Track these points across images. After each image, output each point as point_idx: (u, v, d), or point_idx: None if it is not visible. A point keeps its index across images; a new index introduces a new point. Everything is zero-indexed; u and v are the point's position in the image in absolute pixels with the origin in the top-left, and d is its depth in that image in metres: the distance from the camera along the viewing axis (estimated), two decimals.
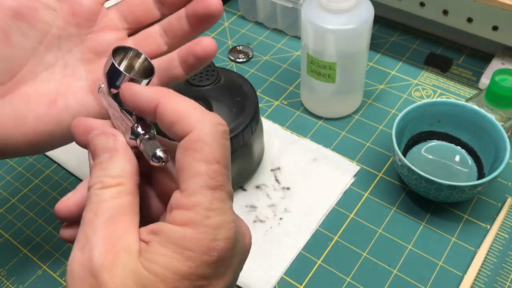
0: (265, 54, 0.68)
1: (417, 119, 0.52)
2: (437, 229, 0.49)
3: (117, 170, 0.27)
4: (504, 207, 0.50)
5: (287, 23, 0.70)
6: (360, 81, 0.57)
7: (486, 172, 0.49)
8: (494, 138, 0.49)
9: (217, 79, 0.50)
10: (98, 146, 0.28)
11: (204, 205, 0.25)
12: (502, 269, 0.46)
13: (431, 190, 0.46)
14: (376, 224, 0.50)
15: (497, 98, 0.50)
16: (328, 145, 0.57)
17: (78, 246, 0.25)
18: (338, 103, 0.58)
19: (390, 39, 0.69)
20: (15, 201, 0.55)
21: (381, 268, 0.47)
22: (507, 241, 0.48)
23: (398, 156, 0.47)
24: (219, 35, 0.72)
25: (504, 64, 0.61)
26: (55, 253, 0.50)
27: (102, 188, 0.26)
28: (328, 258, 0.48)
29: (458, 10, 0.60)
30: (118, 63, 0.30)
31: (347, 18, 0.50)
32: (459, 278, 0.45)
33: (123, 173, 0.27)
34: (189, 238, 0.24)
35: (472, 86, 0.62)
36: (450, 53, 0.66)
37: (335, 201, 0.51)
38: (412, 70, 0.65)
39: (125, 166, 0.27)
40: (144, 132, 0.28)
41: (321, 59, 0.53)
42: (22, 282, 0.48)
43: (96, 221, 0.25)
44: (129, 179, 0.27)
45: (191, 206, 0.25)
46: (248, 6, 0.72)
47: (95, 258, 0.24)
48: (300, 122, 0.60)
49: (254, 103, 0.49)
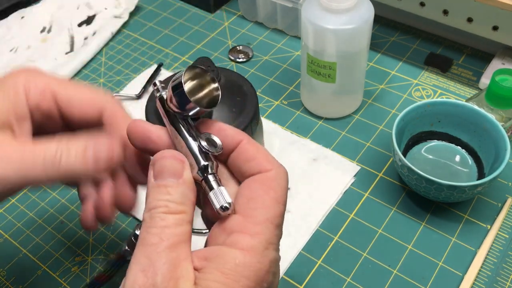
0: (265, 54, 0.68)
1: (417, 119, 0.52)
2: (437, 229, 0.49)
3: (182, 197, 0.28)
4: (504, 207, 0.50)
5: (287, 23, 0.70)
6: (360, 81, 0.57)
7: (486, 172, 0.49)
8: (494, 138, 0.49)
9: (217, 79, 0.50)
10: (165, 168, 0.29)
11: (267, 236, 0.27)
12: (502, 269, 0.46)
13: (431, 190, 0.46)
14: (376, 224, 0.50)
15: (497, 98, 0.50)
16: (328, 145, 0.57)
17: (138, 268, 0.26)
18: (338, 103, 0.58)
19: (390, 39, 0.69)
20: (15, 201, 0.54)
21: (381, 268, 0.47)
22: (507, 241, 0.48)
23: (398, 156, 0.47)
24: (219, 35, 0.72)
25: (504, 64, 0.61)
26: (55, 253, 0.50)
27: (167, 213, 0.27)
28: (328, 258, 0.48)
29: (458, 10, 0.60)
30: (188, 80, 0.30)
31: (347, 18, 0.50)
32: (459, 278, 0.45)
33: (187, 201, 0.28)
34: (248, 266, 0.26)
35: (472, 86, 0.62)
36: (450, 53, 0.66)
37: (335, 201, 0.51)
38: (412, 70, 0.65)
39: (189, 194, 0.28)
40: (211, 169, 0.29)
41: (321, 59, 0.53)
42: (22, 282, 0.48)
43: (160, 246, 0.26)
44: (190, 208, 0.28)
45: (256, 234, 0.27)
46: (248, 6, 0.72)
47: (159, 284, 0.25)
48: (300, 122, 0.59)
49: (254, 103, 0.49)
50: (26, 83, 0.33)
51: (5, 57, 0.71)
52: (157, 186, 0.28)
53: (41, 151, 0.30)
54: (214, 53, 0.69)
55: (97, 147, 0.32)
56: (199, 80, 0.31)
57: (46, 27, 0.75)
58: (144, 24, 0.75)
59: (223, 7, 0.77)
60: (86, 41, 0.72)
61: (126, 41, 0.73)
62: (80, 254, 0.50)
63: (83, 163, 0.31)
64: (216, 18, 0.75)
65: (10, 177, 0.30)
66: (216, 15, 0.76)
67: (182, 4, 0.78)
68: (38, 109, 0.34)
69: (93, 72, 0.69)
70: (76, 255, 0.49)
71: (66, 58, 0.70)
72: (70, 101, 0.34)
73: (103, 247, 0.50)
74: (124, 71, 0.68)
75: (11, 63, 0.69)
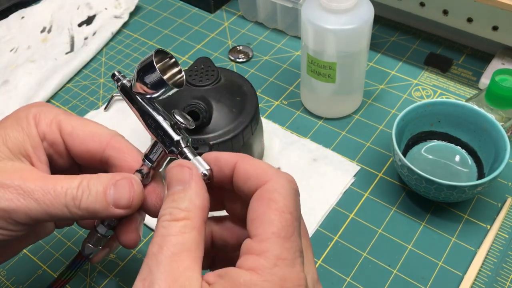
0: (265, 54, 0.68)
1: (417, 119, 0.52)
2: (437, 229, 0.49)
3: (186, 203, 0.28)
4: (504, 207, 0.50)
5: (287, 23, 0.70)
6: (360, 81, 0.57)
7: (486, 172, 0.49)
8: (494, 138, 0.49)
9: (217, 79, 0.50)
10: (173, 178, 0.29)
11: (274, 252, 0.25)
12: (502, 269, 0.46)
13: (431, 190, 0.46)
14: (376, 224, 0.50)
15: (497, 98, 0.50)
16: (328, 145, 0.57)
17: (140, 277, 0.26)
18: (338, 103, 0.58)
19: (390, 39, 0.69)
20: None
21: (381, 268, 0.47)
22: (507, 241, 0.48)
23: (398, 156, 0.47)
24: (219, 35, 0.72)
25: (504, 64, 0.61)
26: (55, 253, 0.50)
27: (170, 221, 0.27)
28: (328, 258, 0.48)
29: (458, 10, 0.60)
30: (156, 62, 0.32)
31: (347, 18, 0.50)
32: (459, 278, 0.45)
33: (191, 206, 0.28)
34: (253, 285, 0.25)
35: (472, 86, 0.62)
36: (450, 53, 0.66)
37: (335, 201, 0.51)
38: (412, 70, 0.65)
39: (195, 199, 0.28)
40: (185, 142, 0.32)
41: (321, 59, 0.53)
42: (22, 282, 0.48)
43: (160, 256, 0.26)
44: (196, 214, 0.27)
45: (261, 252, 0.25)
46: (248, 6, 0.72)
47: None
48: (300, 122, 0.60)
49: (254, 103, 0.49)
50: (37, 114, 0.34)
51: (5, 57, 0.71)
52: (166, 196, 0.29)
53: (63, 188, 0.31)
54: (214, 53, 0.69)
55: (118, 189, 0.32)
56: (163, 63, 0.33)
57: (46, 27, 0.75)
58: (144, 24, 0.75)
59: (223, 7, 0.77)
60: (86, 41, 0.72)
61: (126, 41, 0.73)
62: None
63: (104, 205, 0.31)
64: (216, 18, 0.75)
65: (33, 212, 0.31)
66: (216, 15, 0.76)
67: (182, 4, 0.78)
68: (46, 140, 0.34)
69: (93, 72, 0.69)
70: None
71: (66, 58, 0.70)
72: (73, 132, 0.35)
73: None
74: (124, 71, 0.68)
75: (11, 63, 0.69)
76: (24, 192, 0.30)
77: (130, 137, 0.35)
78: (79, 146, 0.35)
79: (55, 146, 0.35)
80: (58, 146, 0.35)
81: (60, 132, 0.35)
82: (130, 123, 0.60)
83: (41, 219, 0.31)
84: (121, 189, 0.32)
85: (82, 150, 0.35)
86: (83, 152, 0.35)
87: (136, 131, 0.59)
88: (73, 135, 0.35)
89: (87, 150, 0.35)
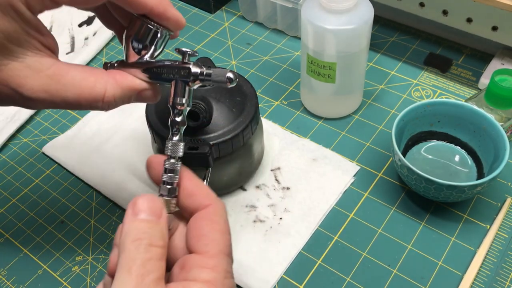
0: (265, 54, 0.69)
1: (417, 119, 0.52)
2: (437, 229, 0.49)
3: (161, 234, 0.30)
4: (503, 207, 0.50)
5: (287, 23, 0.70)
6: (360, 81, 0.57)
7: (486, 172, 0.50)
8: (493, 138, 0.49)
9: None
10: (145, 206, 0.31)
11: (224, 267, 0.30)
12: (502, 269, 0.46)
13: (430, 190, 0.47)
14: (376, 224, 0.50)
15: (496, 98, 0.50)
16: (328, 145, 0.57)
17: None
18: (338, 103, 0.58)
19: (390, 39, 0.69)
20: (15, 201, 0.55)
21: (381, 268, 0.47)
22: (506, 241, 0.48)
23: (398, 156, 0.48)
24: (219, 35, 0.72)
25: (503, 64, 0.61)
26: (55, 253, 0.50)
27: (151, 246, 0.29)
28: (328, 258, 0.48)
29: (458, 10, 0.60)
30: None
31: (347, 18, 0.50)
32: (458, 278, 0.45)
33: (165, 238, 0.31)
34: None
35: (472, 86, 0.62)
36: (450, 53, 0.66)
37: (335, 201, 0.52)
38: (412, 70, 0.65)
39: (165, 234, 0.31)
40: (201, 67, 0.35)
41: (321, 59, 0.53)
42: (22, 282, 0.48)
43: (147, 278, 0.28)
44: (165, 245, 0.30)
45: (214, 266, 0.30)
46: (248, 6, 0.73)
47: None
48: (300, 122, 0.60)
49: (254, 103, 0.49)
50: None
51: None
52: (139, 221, 0.31)
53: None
54: (214, 53, 0.69)
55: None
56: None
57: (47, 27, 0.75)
58: None
59: (223, 8, 0.77)
60: (86, 41, 0.72)
61: None
62: (80, 254, 0.50)
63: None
64: (216, 19, 0.75)
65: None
66: (216, 15, 0.76)
67: (182, 4, 0.78)
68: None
69: None
70: (76, 255, 0.50)
71: (66, 58, 0.70)
72: None
73: (104, 246, 0.50)
74: None
75: None
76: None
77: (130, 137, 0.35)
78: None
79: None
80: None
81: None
82: (130, 123, 0.60)
83: None
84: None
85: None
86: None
87: (136, 131, 0.59)
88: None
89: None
